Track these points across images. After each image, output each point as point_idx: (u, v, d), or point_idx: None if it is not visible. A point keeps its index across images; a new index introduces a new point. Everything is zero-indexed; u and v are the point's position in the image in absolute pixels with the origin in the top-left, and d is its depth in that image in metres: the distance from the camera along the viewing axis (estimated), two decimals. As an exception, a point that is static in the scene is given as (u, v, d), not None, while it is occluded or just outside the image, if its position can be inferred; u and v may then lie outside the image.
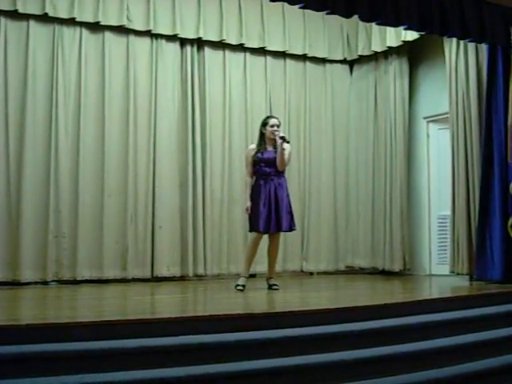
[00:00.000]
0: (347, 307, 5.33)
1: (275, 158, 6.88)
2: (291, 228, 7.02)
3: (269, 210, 6.80)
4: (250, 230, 6.96)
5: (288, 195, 6.99)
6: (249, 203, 6.87)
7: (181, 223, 8.60)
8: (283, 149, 6.84)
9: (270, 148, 6.97)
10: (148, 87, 8.56)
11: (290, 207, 6.98)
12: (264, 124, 7.04)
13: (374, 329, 4.99)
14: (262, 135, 7.04)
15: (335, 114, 9.87)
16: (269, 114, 7.40)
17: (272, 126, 6.95)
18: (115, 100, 8.35)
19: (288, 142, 6.87)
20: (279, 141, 6.82)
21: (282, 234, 7.18)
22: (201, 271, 8.64)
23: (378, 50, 9.38)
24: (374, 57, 9.67)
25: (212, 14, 8.81)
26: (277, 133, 6.88)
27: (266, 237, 7.01)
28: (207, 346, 4.32)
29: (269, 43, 9.24)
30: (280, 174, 6.95)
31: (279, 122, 7.07)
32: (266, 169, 6.90)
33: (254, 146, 7.09)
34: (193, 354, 4.24)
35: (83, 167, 8.09)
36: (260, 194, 6.83)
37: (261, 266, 7.63)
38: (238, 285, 6.82)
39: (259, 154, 6.94)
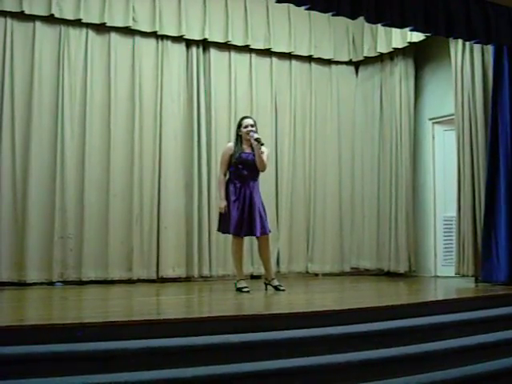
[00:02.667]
0: (352, 309, 5.32)
1: (253, 160, 6.83)
2: (267, 231, 6.91)
3: (247, 213, 6.73)
4: (220, 231, 6.96)
5: (261, 198, 6.94)
6: (225, 202, 6.79)
7: (186, 224, 8.61)
8: (262, 152, 6.78)
9: (247, 149, 6.91)
10: (154, 88, 8.57)
11: (265, 210, 6.92)
12: (239, 125, 6.98)
13: (380, 330, 4.98)
14: (238, 136, 6.96)
15: (341, 115, 9.86)
16: (244, 115, 7.32)
17: (246, 127, 6.88)
18: (121, 101, 8.37)
19: (262, 145, 6.79)
20: (255, 143, 6.79)
21: (287, 235, 7.17)
22: (206, 272, 8.64)
23: (384, 51, 9.38)
24: (380, 58, 9.67)
25: (218, 15, 8.82)
26: (252, 133, 6.82)
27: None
28: (212, 347, 4.32)
29: (274, 44, 9.25)
30: (256, 177, 6.90)
31: (254, 121, 7.00)
32: (244, 171, 6.83)
33: (231, 144, 7.02)
34: (198, 355, 4.23)
35: (89, 168, 8.11)
36: (236, 196, 6.77)
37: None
38: (241, 288, 6.81)
39: (237, 155, 6.85)
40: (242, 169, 6.83)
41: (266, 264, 6.99)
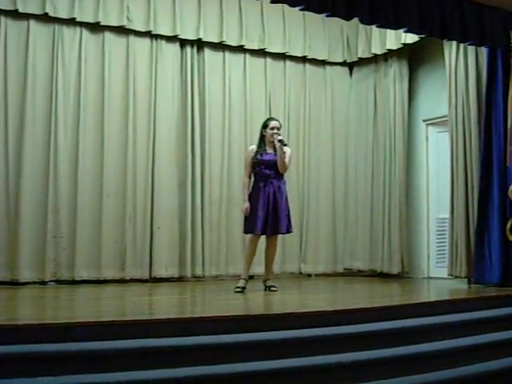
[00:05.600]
0: (345, 309, 5.33)
1: (275, 160, 6.87)
2: (288, 230, 7.02)
3: (267, 211, 6.79)
4: (245, 232, 6.97)
5: (287, 198, 6.98)
6: (247, 204, 6.85)
7: (179, 224, 8.60)
8: (283, 152, 6.83)
9: (269, 150, 6.95)
10: (148, 88, 8.55)
11: (288, 210, 6.98)
12: (265, 126, 7.02)
13: (372, 331, 4.99)
14: (262, 137, 7.02)
15: (335, 116, 9.87)
16: (270, 116, 7.34)
17: (272, 129, 6.93)
18: (115, 100, 8.34)
19: (286, 145, 6.87)
20: (278, 144, 6.82)
21: (280, 236, 7.18)
22: (199, 272, 8.63)
23: (378, 52, 9.39)
24: (374, 59, 9.67)
25: (212, 15, 8.81)
26: (275, 135, 6.88)
27: (263, 238, 7.02)
28: (205, 347, 4.32)
29: (269, 45, 9.24)
30: (280, 176, 6.93)
31: (280, 124, 7.05)
32: (266, 171, 6.88)
33: (254, 147, 7.06)
34: (191, 355, 4.23)
35: (82, 167, 8.08)
36: (259, 195, 6.81)
37: (259, 267, 7.60)
38: (237, 287, 6.82)
39: (259, 156, 6.91)
40: (265, 168, 6.88)
41: (269, 263, 7.08)
